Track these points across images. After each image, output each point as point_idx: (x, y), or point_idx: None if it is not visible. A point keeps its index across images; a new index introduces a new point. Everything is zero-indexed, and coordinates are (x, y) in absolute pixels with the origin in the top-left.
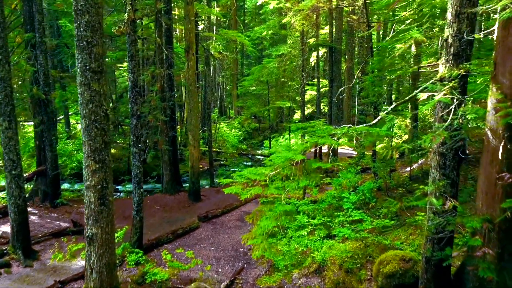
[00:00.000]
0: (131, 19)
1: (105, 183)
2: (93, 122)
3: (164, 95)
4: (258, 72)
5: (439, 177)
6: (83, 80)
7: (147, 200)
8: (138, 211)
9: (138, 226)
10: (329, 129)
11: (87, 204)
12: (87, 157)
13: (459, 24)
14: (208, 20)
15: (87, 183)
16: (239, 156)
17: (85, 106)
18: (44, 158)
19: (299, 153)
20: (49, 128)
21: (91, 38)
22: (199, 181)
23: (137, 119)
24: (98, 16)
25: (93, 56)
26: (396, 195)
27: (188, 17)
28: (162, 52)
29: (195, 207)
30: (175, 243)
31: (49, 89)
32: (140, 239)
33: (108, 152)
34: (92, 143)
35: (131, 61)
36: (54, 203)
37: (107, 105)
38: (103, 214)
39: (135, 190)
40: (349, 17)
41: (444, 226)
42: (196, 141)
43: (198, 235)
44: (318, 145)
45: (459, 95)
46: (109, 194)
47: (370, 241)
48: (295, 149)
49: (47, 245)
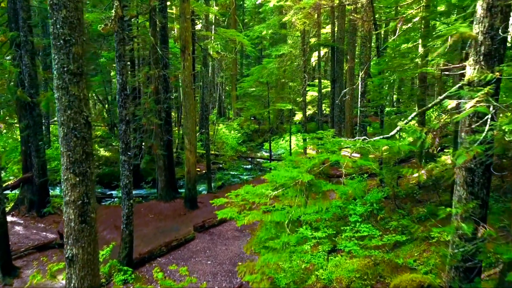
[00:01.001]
0: (119, 16)
1: (87, 198)
2: (72, 131)
3: (159, 97)
4: (257, 73)
5: (466, 196)
6: (60, 84)
7: (141, 208)
8: (127, 224)
9: (127, 240)
10: (340, 142)
11: (67, 221)
12: (65, 169)
13: (491, 19)
14: (206, 19)
15: (66, 198)
16: (238, 159)
17: (63, 113)
18: (31, 164)
19: (306, 171)
20: (35, 133)
21: (69, 36)
22: (196, 187)
23: (126, 125)
24: (77, 12)
25: (71, 57)
26: (406, 207)
27: (184, 15)
28: (157, 52)
29: (191, 215)
30: (169, 256)
31: (36, 91)
32: (130, 254)
33: (90, 163)
34: (71, 154)
35: (119, 61)
36: (41, 212)
37: (89, 110)
38: (85, 233)
39: (124, 202)
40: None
41: (474, 254)
42: (193, 145)
43: (193, 247)
44: (329, 162)
45: (496, 103)
46: (91, 211)
47: (380, 258)
48: (300, 162)
49: (30, 260)
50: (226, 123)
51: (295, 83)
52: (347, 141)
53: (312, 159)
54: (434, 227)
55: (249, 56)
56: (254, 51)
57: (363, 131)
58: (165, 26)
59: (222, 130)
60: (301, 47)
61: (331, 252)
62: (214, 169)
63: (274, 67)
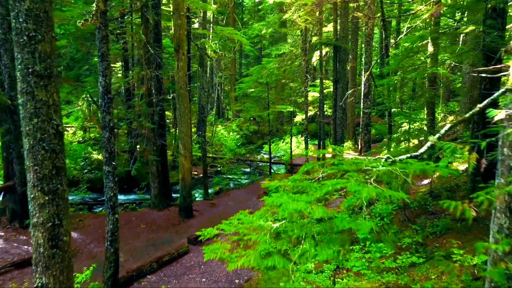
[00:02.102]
0: (101, 11)
1: (58, 220)
2: (39, 142)
3: (152, 99)
4: (257, 73)
5: (510, 225)
6: (24, 88)
7: (132, 217)
8: (112, 242)
9: (112, 259)
10: (359, 163)
11: (35, 246)
12: (32, 186)
13: None
14: (204, 17)
15: (34, 220)
16: (237, 162)
17: (29, 121)
18: (13, 172)
19: (315, 199)
20: (17, 138)
21: (34, 31)
22: (191, 195)
23: (111, 132)
24: (44, 3)
25: (37, 56)
26: (420, 221)
27: (178, 11)
28: (149, 51)
29: (186, 225)
30: (160, 273)
31: (17, 93)
32: (115, 274)
33: (62, 179)
34: (39, 169)
35: (101, 61)
36: (24, 223)
37: (60, 118)
38: (56, 259)
39: (108, 216)
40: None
41: None
42: (187, 150)
43: (187, 261)
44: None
45: None
46: (63, 234)
47: (393, 281)
48: (308, 187)
49: (7, 278)
50: (224, 124)
51: (296, 84)
52: (367, 160)
53: (324, 186)
54: (456, 248)
55: (248, 56)
56: (253, 50)
57: (367, 133)
58: (158, 23)
59: (221, 131)
60: (302, 46)
61: (336, 269)
62: (211, 172)
63: (274, 67)
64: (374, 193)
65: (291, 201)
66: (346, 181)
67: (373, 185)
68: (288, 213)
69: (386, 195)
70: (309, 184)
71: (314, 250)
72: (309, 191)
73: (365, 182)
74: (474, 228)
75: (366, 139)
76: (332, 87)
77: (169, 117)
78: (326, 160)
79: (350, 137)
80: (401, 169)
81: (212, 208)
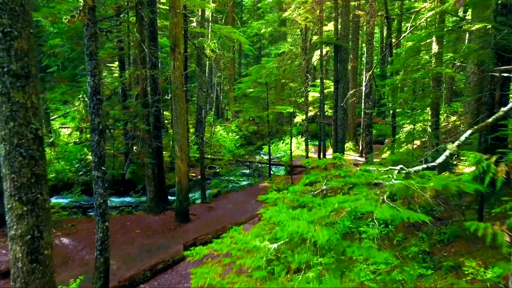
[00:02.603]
0: (89, 6)
1: (38, 232)
2: (16, 148)
3: (147, 100)
4: (256, 73)
5: None
6: (0, 89)
7: (127, 221)
8: (102, 251)
9: (102, 269)
10: (368, 175)
11: (13, 261)
12: (9, 196)
13: None
14: (202, 16)
15: (12, 232)
16: (236, 163)
17: (4, 125)
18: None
19: (318, 219)
20: None
21: (10, 27)
22: (188, 199)
23: (100, 135)
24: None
25: (13, 54)
26: (427, 229)
27: (174, 9)
28: (143, 50)
29: (182, 230)
30: (153, 282)
31: None
32: (106, 284)
33: (42, 188)
34: (16, 177)
35: (90, 60)
36: None
37: (40, 122)
38: (36, 275)
39: (98, 224)
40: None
41: None
42: (184, 153)
43: (183, 269)
44: (355, 210)
45: None
46: (43, 247)
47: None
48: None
49: None
50: (224, 124)
51: (296, 84)
52: (377, 172)
53: (329, 203)
54: (467, 260)
55: (248, 56)
56: (252, 49)
57: (368, 134)
58: (154, 21)
59: (220, 132)
60: (302, 45)
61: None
62: (210, 174)
63: (273, 67)
64: (389, 214)
65: (291, 219)
66: (355, 198)
67: (387, 203)
68: (287, 233)
69: (404, 216)
70: (312, 199)
71: (318, 282)
72: (312, 206)
73: (377, 200)
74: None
75: (368, 140)
76: (333, 87)
77: (168, 117)
78: (331, 172)
79: (351, 138)
80: (418, 184)
81: (210, 211)
